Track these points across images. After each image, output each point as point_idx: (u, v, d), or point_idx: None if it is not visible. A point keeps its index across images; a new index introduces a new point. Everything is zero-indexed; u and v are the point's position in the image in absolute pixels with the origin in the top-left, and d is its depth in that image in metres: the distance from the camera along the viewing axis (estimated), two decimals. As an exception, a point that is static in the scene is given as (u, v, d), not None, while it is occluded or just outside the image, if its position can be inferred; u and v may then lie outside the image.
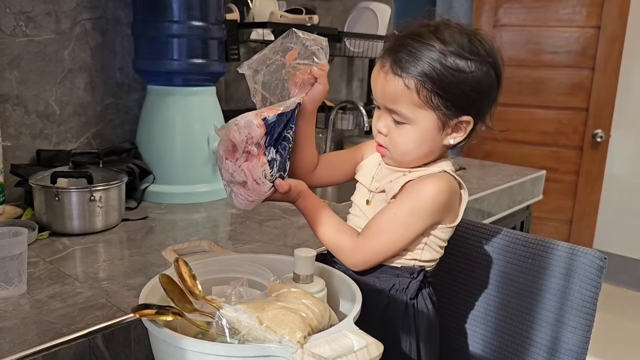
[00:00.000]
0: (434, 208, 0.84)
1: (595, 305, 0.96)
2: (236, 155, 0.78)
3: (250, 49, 1.92)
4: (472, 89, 0.81)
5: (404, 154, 0.87)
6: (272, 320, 0.55)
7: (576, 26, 2.91)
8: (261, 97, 0.83)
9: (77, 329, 0.79)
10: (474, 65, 0.80)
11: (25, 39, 1.38)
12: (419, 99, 0.80)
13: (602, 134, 2.91)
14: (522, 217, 2.10)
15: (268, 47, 0.83)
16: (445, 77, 0.79)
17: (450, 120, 0.83)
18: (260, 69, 0.82)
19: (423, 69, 0.79)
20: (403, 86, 0.80)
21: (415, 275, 0.87)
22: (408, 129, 0.84)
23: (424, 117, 0.82)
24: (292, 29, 0.82)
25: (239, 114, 1.13)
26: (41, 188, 1.18)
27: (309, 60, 0.83)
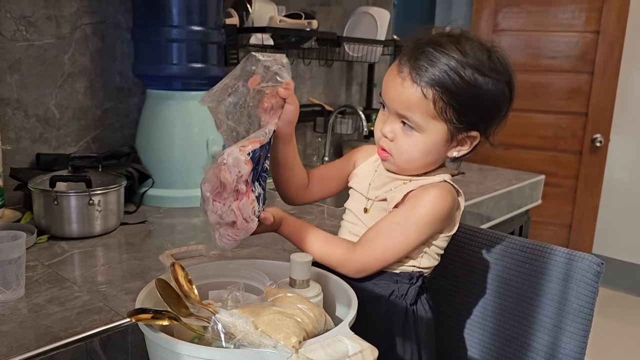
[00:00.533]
0: (436, 219, 0.84)
1: (593, 310, 0.96)
2: (224, 195, 0.74)
3: (248, 52, 1.93)
4: (486, 105, 0.82)
5: (408, 162, 0.86)
6: (267, 325, 0.56)
7: (575, 31, 2.92)
8: (226, 127, 0.79)
9: (74, 332, 0.80)
10: (491, 82, 0.80)
11: (26, 44, 1.39)
12: (434, 109, 0.80)
13: (601, 139, 2.91)
14: (521, 222, 2.10)
15: (228, 75, 0.79)
16: (463, 91, 0.79)
17: (459, 134, 0.83)
18: (222, 99, 0.78)
19: (442, 80, 0.78)
20: (421, 95, 0.79)
21: (414, 280, 0.87)
22: (417, 137, 0.83)
23: (435, 127, 0.82)
24: (251, 53, 0.79)
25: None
26: (40, 192, 1.19)
27: (273, 81, 0.79)
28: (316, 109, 2.18)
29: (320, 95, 2.28)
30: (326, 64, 2.24)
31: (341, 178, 1.00)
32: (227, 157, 0.72)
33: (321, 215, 1.48)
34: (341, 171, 1.00)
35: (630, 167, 3.07)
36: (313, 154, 2.24)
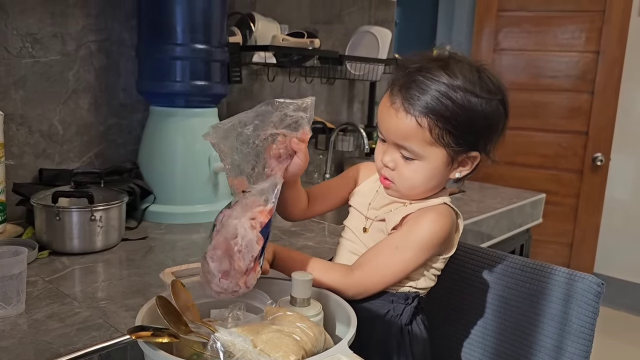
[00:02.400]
0: (434, 243, 0.84)
1: (593, 330, 0.96)
2: (232, 274, 0.70)
3: (252, 71, 1.95)
4: (482, 125, 0.82)
5: (411, 189, 0.86)
6: (266, 343, 0.56)
7: (575, 51, 2.94)
8: (231, 161, 0.76)
9: (74, 349, 0.79)
10: (484, 102, 0.81)
11: (31, 60, 1.40)
12: (431, 137, 0.80)
13: (602, 158, 2.92)
14: (521, 240, 2.10)
15: (239, 115, 0.76)
16: (457, 115, 0.79)
17: (459, 156, 0.84)
18: (229, 136, 0.75)
19: (435, 107, 0.79)
20: (415, 124, 0.80)
21: (410, 301, 0.88)
22: (417, 164, 0.83)
23: (434, 154, 0.82)
24: (271, 100, 0.75)
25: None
26: (42, 207, 1.19)
27: (289, 129, 0.75)
28: (318, 127, 2.19)
29: (322, 113, 2.29)
30: (328, 82, 2.26)
31: (340, 195, 1.00)
32: (241, 240, 0.68)
33: (322, 232, 1.48)
34: (341, 188, 1.01)
35: (631, 185, 3.07)
36: (314, 171, 2.25)
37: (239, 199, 0.73)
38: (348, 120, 2.36)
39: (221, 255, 0.69)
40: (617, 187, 3.06)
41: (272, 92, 2.06)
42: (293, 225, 1.54)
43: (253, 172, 0.76)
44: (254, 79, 1.97)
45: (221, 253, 0.68)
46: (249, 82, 1.95)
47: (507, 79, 3.06)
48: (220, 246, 0.68)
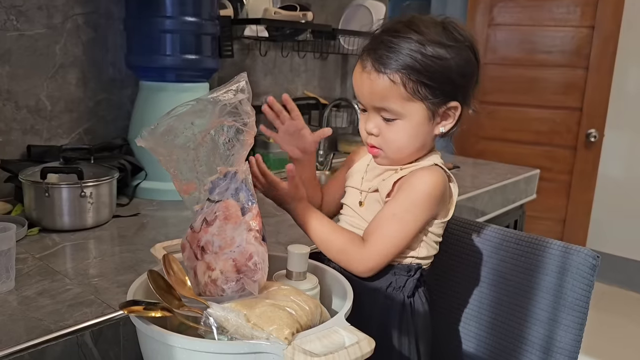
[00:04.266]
0: (430, 202, 0.84)
1: (588, 303, 0.96)
2: (249, 286, 0.66)
3: (244, 45, 1.91)
4: (456, 74, 0.82)
5: (398, 151, 0.86)
6: (259, 317, 0.55)
7: (570, 26, 2.91)
8: (175, 165, 0.69)
9: (65, 325, 0.78)
10: (453, 51, 0.81)
11: (16, 33, 1.36)
12: (407, 91, 0.81)
13: (595, 134, 2.92)
14: (515, 216, 2.10)
15: (171, 115, 0.69)
16: (429, 67, 0.80)
17: (439, 109, 0.84)
18: (167, 140, 0.68)
19: (405, 62, 0.80)
20: (389, 82, 0.81)
21: (412, 273, 0.87)
22: (400, 124, 0.84)
23: (413, 109, 0.82)
24: (200, 97, 0.69)
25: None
26: (31, 184, 1.17)
27: (232, 115, 0.68)
28: (311, 102, 2.17)
29: (315, 89, 2.26)
30: (321, 57, 2.23)
31: (343, 189, 1.00)
32: (257, 257, 0.64)
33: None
34: (343, 179, 1.01)
35: (625, 162, 3.08)
36: (308, 147, 2.23)
37: (206, 210, 0.68)
38: (341, 96, 2.33)
39: (234, 277, 0.65)
40: (610, 163, 3.06)
41: (265, 66, 2.02)
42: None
43: (199, 175, 0.71)
44: (245, 53, 1.94)
45: (234, 275, 0.64)
46: (240, 56, 1.92)
47: (502, 54, 3.05)
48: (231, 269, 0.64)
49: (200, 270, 0.64)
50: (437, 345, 1.12)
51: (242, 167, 0.67)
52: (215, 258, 0.64)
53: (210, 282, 0.63)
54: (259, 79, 2.02)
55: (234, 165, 0.66)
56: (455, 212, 0.92)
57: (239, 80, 0.68)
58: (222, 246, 0.63)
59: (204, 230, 0.65)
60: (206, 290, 0.64)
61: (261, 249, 0.64)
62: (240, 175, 0.66)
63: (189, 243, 0.66)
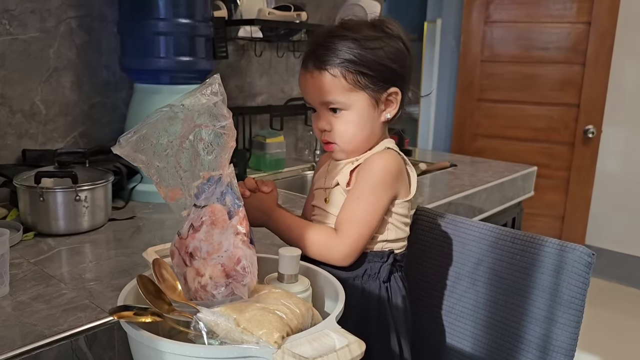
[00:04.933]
0: (388, 180, 0.90)
1: (584, 301, 0.96)
2: (239, 290, 0.66)
3: (238, 46, 1.91)
4: (390, 61, 0.88)
5: (350, 140, 0.91)
6: (249, 321, 0.55)
7: (567, 22, 2.91)
8: (156, 171, 0.69)
9: (59, 330, 0.78)
10: (384, 41, 0.88)
11: (9, 38, 1.36)
12: (348, 82, 0.87)
13: (593, 130, 2.91)
14: (513, 214, 2.10)
15: (144, 125, 0.68)
16: (364, 57, 0.86)
17: (380, 96, 0.90)
18: (144, 147, 0.67)
19: (343, 56, 0.86)
20: (330, 77, 0.87)
21: (385, 259, 0.92)
22: (347, 114, 0.90)
23: (357, 98, 0.89)
24: (167, 106, 0.67)
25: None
26: (25, 188, 1.17)
27: (209, 117, 0.68)
28: (307, 103, 2.16)
29: (311, 89, 2.26)
30: (317, 57, 2.22)
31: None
32: (245, 261, 0.64)
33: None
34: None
35: (622, 158, 3.07)
36: (305, 147, 2.23)
37: (191, 216, 0.67)
38: (338, 96, 2.33)
39: (224, 281, 0.64)
40: (608, 159, 3.06)
41: (260, 67, 2.02)
42: (283, 202, 1.52)
43: (184, 180, 0.70)
44: (240, 54, 1.93)
45: (223, 280, 0.64)
46: (235, 57, 1.92)
47: (498, 51, 3.04)
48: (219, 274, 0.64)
49: (190, 276, 0.64)
50: (434, 343, 1.12)
51: (227, 170, 0.66)
52: (204, 264, 0.64)
53: (200, 288, 0.63)
54: (255, 79, 2.02)
55: (217, 169, 0.65)
56: (452, 210, 0.93)
57: (212, 82, 0.67)
58: (210, 251, 0.63)
59: (191, 236, 0.65)
60: (197, 296, 0.64)
61: (249, 252, 0.64)
62: (226, 178, 0.66)
63: (177, 250, 0.66)
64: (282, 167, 1.95)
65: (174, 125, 0.66)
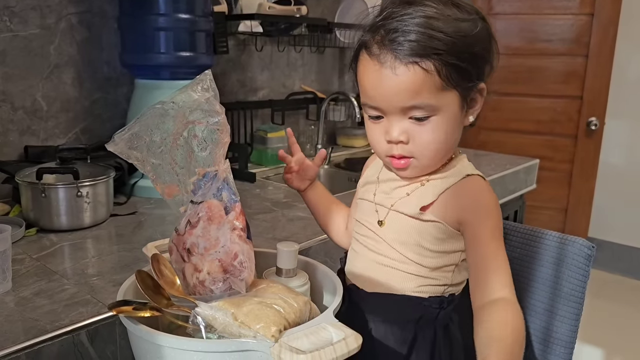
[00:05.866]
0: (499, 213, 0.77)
1: (584, 293, 0.96)
2: (237, 285, 0.66)
3: (239, 41, 1.91)
4: (480, 49, 0.71)
5: (435, 154, 0.74)
6: (246, 315, 0.55)
7: (570, 13, 2.89)
8: (152, 168, 0.68)
9: (61, 325, 0.79)
10: (470, 23, 0.70)
11: (10, 34, 1.37)
12: (441, 80, 0.68)
13: (596, 122, 2.90)
14: (515, 207, 2.10)
15: (136, 123, 0.67)
16: (455, 45, 0.68)
17: (469, 95, 0.72)
18: (138, 145, 0.66)
19: (431, 44, 0.67)
20: (422, 72, 0.67)
21: (445, 305, 0.76)
22: (435, 121, 0.71)
23: (448, 99, 0.70)
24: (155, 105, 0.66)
25: (229, 107, 0.98)
26: (27, 184, 1.18)
27: (202, 113, 0.66)
28: (308, 97, 2.16)
29: (312, 83, 2.26)
30: (318, 51, 2.22)
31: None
32: (242, 256, 0.64)
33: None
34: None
35: (626, 150, 3.06)
36: (306, 141, 2.23)
37: (188, 212, 0.67)
38: (339, 90, 2.33)
39: (221, 277, 0.64)
40: (611, 151, 3.05)
41: (261, 62, 2.02)
42: (285, 196, 1.53)
43: (180, 177, 0.69)
44: (241, 49, 1.93)
45: (221, 275, 0.64)
46: (236, 52, 1.92)
47: (502, 43, 3.00)
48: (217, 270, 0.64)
49: (188, 272, 0.65)
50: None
51: (222, 166, 0.65)
52: (202, 259, 0.64)
53: (198, 283, 0.64)
54: (256, 74, 2.02)
55: (212, 165, 0.66)
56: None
57: (203, 78, 0.66)
58: (207, 247, 0.63)
59: (189, 233, 0.65)
60: (195, 292, 0.64)
61: (246, 247, 0.64)
62: (221, 174, 0.65)
63: (175, 246, 0.66)
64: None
65: (166, 122, 0.65)
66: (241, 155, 1.74)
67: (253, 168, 1.83)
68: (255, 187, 1.62)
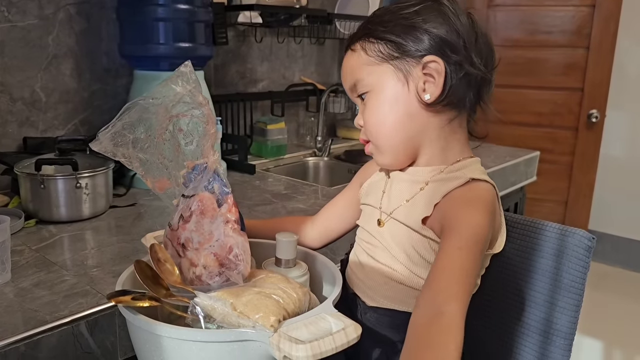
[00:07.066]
0: (484, 239, 0.69)
1: (584, 285, 0.96)
2: (233, 278, 0.65)
3: (239, 32, 1.90)
4: (428, 23, 0.69)
5: (381, 132, 0.73)
6: (245, 305, 0.55)
7: (571, 5, 2.88)
8: (140, 165, 0.67)
9: (60, 316, 0.79)
10: (419, 3, 0.71)
11: (8, 25, 1.36)
12: (368, 55, 0.72)
13: (597, 114, 2.89)
14: (515, 199, 2.10)
15: (119, 121, 0.67)
16: (390, 23, 0.71)
17: (412, 68, 0.70)
18: (123, 142, 0.65)
19: (364, 29, 0.74)
20: (350, 54, 0.75)
21: None
22: (371, 97, 0.73)
23: (380, 73, 0.71)
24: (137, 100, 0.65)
25: (229, 98, 0.93)
26: (26, 176, 1.17)
27: (186, 105, 0.66)
28: (308, 88, 2.16)
29: (312, 74, 2.25)
30: (318, 42, 2.21)
31: (353, 210, 0.87)
32: (237, 249, 0.63)
33: (314, 194, 1.47)
34: (351, 201, 0.88)
35: (626, 142, 3.06)
36: (306, 133, 2.22)
37: (180, 206, 0.66)
38: (339, 81, 2.32)
39: (218, 270, 0.64)
40: (612, 143, 3.05)
41: (261, 53, 2.01)
42: (285, 188, 1.52)
43: (170, 170, 0.68)
44: (241, 40, 1.92)
45: (217, 269, 0.63)
46: (235, 43, 1.91)
47: (502, 35, 3.01)
48: (213, 263, 0.63)
49: (185, 267, 0.64)
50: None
51: (212, 157, 0.64)
52: (197, 254, 0.63)
53: (195, 278, 0.63)
54: (255, 65, 2.01)
55: (201, 157, 0.65)
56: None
57: (184, 70, 0.65)
58: (202, 242, 0.63)
59: (182, 227, 0.65)
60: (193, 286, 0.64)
61: (240, 240, 0.63)
62: (211, 166, 0.64)
63: (170, 241, 0.66)
64: (284, 154, 1.95)
65: (148, 118, 0.64)
66: (241, 147, 1.74)
67: (253, 160, 1.83)
68: (255, 179, 1.62)
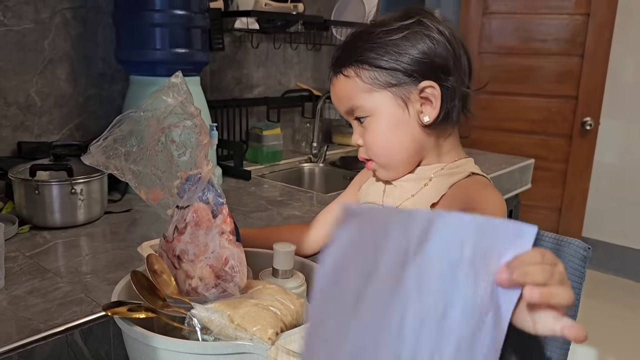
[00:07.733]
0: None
1: (580, 294, 0.96)
2: (230, 289, 0.64)
3: (235, 37, 1.90)
4: (418, 51, 0.73)
5: (385, 154, 0.78)
6: (243, 317, 0.55)
7: (565, 13, 2.89)
8: (132, 176, 0.66)
9: (54, 325, 0.78)
10: (405, 28, 0.74)
11: (4, 29, 1.35)
12: (364, 82, 0.75)
13: (591, 122, 2.91)
14: (510, 206, 2.10)
15: (110, 134, 0.65)
16: (381, 50, 0.73)
17: (409, 94, 0.74)
18: (115, 154, 0.65)
19: (354, 54, 0.75)
20: (344, 79, 0.77)
21: None
22: (372, 121, 0.77)
23: (379, 100, 0.75)
24: (124, 114, 0.64)
25: (225, 104, 0.92)
26: (21, 181, 1.16)
27: (177, 116, 0.65)
28: (304, 94, 2.16)
29: (308, 80, 2.25)
30: (314, 48, 2.21)
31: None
32: (233, 261, 0.62)
33: (309, 201, 1.46)
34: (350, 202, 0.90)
35: (620, 150, 3.07)
36: (302, 139, 2.22)
37: (175, 217, 0.66)
38: (335, 88, 2.32)
39: (214, 282, 0.63)
40: (605, 151, 3.06)
41: (257, 59, 2.01)
42: (280, 194, 1.52)
43: (164, 181, 0.68)
44: (237, 46, 1.92)
45: (213, 281, 0.63)
46: (232, 49, 1.91)
47: (497, 43, 3.03)
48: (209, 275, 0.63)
49: (180, 279, 0.64)
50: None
51: (205, 167, 0.64)
52: (192, 266, 0.63)
53: (191, 290, 0.63)
54: (252, 71, 2.01)
55: (194, 168, 0.64)
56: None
57: (175, 81, 0.65)
58: (197, 253, 0.62)
59: (177, 239, 0.64)
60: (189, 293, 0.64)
61: (236, 251, 0.63)
62: (205, 176, 0.64)
63: (165, 252, 0.65)
64: (279, 159, 1.95)
65: (140, 131, 0.64)
66: (236, 152, 1.73)
67: (248, 166, 1.83)
68: (251, 185, 1.62)
